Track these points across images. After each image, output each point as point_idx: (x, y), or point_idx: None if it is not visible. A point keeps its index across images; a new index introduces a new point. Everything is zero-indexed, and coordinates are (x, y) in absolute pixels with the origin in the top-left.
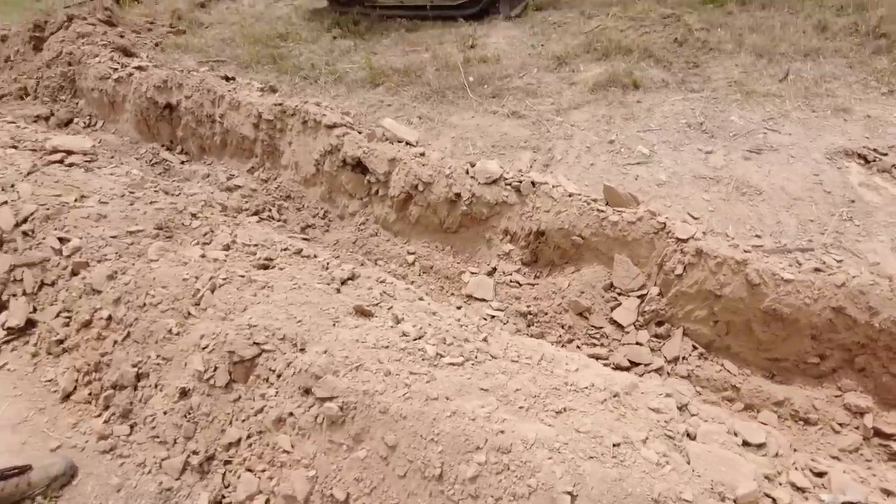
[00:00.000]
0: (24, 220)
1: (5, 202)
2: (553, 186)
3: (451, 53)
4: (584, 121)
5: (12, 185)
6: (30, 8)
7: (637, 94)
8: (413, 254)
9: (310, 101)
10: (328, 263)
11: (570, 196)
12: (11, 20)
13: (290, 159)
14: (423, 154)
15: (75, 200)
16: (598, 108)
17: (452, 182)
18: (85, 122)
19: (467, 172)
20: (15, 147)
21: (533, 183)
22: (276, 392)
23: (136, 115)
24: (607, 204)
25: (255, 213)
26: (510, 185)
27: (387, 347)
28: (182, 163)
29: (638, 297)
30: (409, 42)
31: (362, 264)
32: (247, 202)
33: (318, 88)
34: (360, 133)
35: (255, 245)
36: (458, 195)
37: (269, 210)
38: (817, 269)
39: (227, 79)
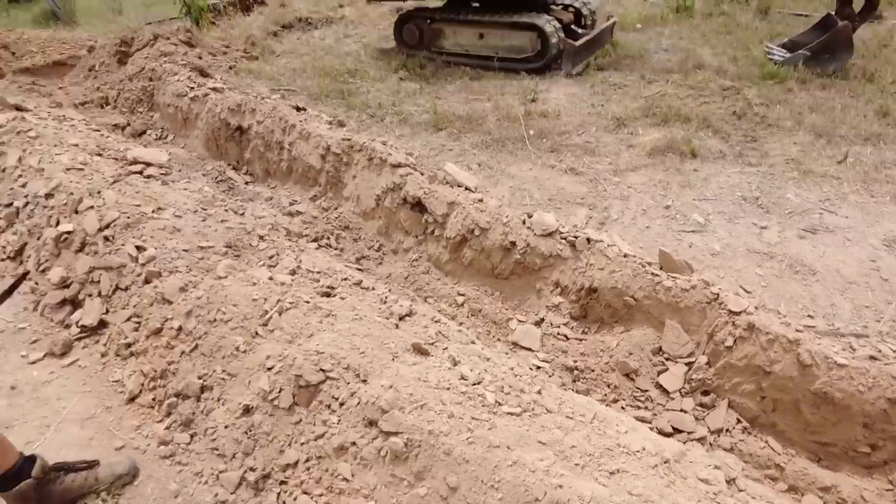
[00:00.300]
0: (107, 226)
1: (91, 207)
2: (608, 245)
3: (512, 105)
4: (640, 184)
5: (99, 192)
6: (112, 21)
7: (694, 163)
8: (463, 295)
9: (377, 139)
10: (386, 297)
11: (624, 256)
12: (97, 32)
13: (352, 192)
14: (481, 200)
15: (153, 211)
16: (655, 173)
17: (508, 230)
18: (157, 135)
19: (524, 223)
20: (100, 154)
21: (588, 240)
22: (339, 420)
23: (207, 133)
24: (661, 268)
25: (315, 240)
26: (565, 239)
27: (448, 389)
28: (246, 183)
29: (686, 364)
30: (473, 90)
31: (413, 300)
32: (307, 228)
33: (384, 127)
34: (422, 174)
35: (319, 272)
36: (513, 244)
37: (328, 238)
38: (872, 357)
39: (298, 109)
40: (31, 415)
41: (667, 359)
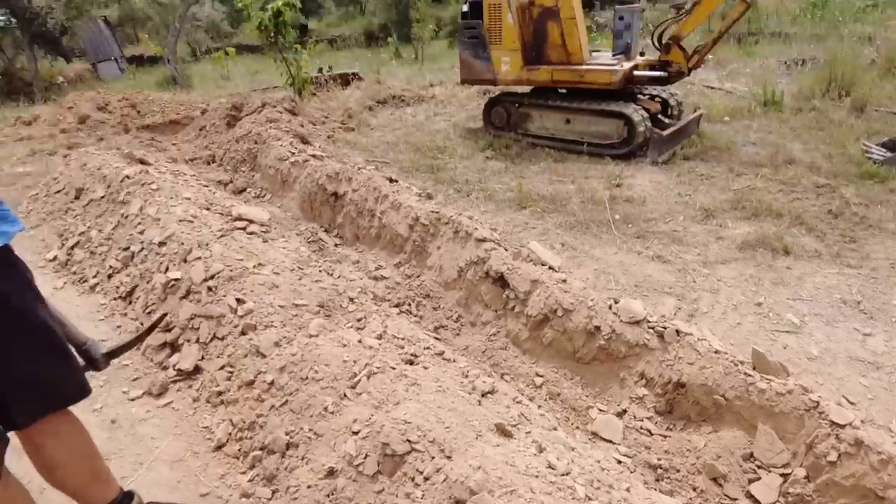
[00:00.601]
0: (212, 277)
1: (199, 258)
2: (699, 339)
3: (596, 189)
4: (730, 277)
5: (207, 244)
6: (222, 86)
7: (787, 260)
8: (541, 377)
9: (463, 213)
10: (468, 372)
11: (715, 353)
12: (208, 96)
13: (435, 261)
14: (565, 281)
15: (254, 267)
16: (745, 268)
17: (593, 314)
18: (256, 193)
19: (610, 308)
20: (208, 209)
21: (678, 331)
22: (423, 495)
23: (304, 195)
24: (754, 368)
25: (397, 305)
26: (653, 328)
27: (536, 477)
28: (336, 245)
29: (781, 474)
30: (557, 172)
31: (490, 375)
32: (390, 293)
33: (470, 202)
34: (506, 250)
35: (403, 339)
36: (597, 328)
37: (409, 305)
38: None
39: (390, 180)
40: (127, 450)
41: (759, 466)
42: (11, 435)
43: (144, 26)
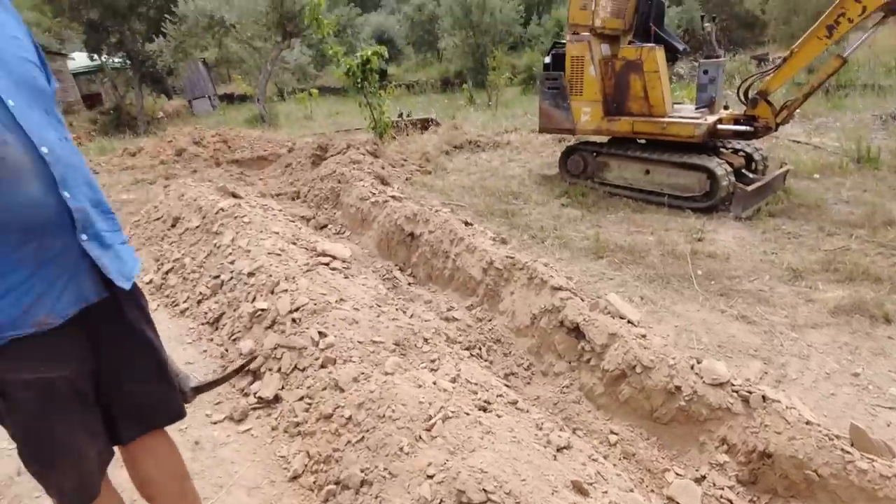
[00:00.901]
0: (296, 309)
1: (286, 290)
2: (787, 407)
3: (677, 242)
4: (822, 344)
5: (293, 278)
6: (305, 126)
7: (888, 329)
8: (616, 434)
9: (538, 259)
10: (542, 424)
11: (807, 424)
12: (293, 134)
13: (508, 307)
14: (644, 336)
15: (336, 301)
16: (839, 334)
17: (674, 373)
18: (336, 230)
19: (692, 368)
20: (294, 243)
21: (764, 397)
22: None
23: (381, 234)
24: (853, 445)
25: (467, 349)
26: (737, 392)
27: None
28: (409, 284)
29: None
30: (635, 222)
31: (563, 430)
32: (461, 335)
33: (544, 249)
34: (582, 300)
35: (476, 384)
36: (678, 388)
37: (480, 349)
38: None
39: (466, 223)
40: (208, 472)
41: None
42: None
43: (238, 67)
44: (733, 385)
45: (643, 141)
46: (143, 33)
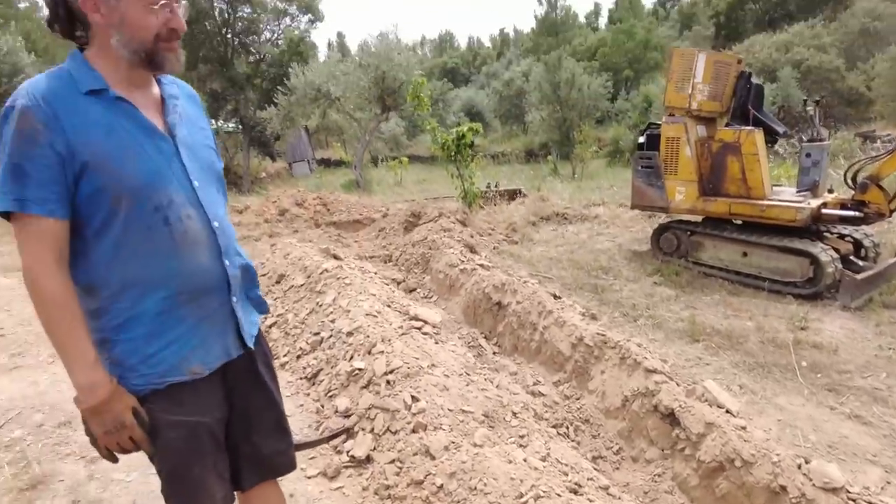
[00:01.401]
0: (391, 371)
1: (382, 352)
2: None
3: (778, 329)
4: None
5: (389, 340)
6: (395, 192)
7: None
8: None
9: (631, 339)
10: None
11: None
12: (385, 199)
13: (597, 386)
14: (744, 428)
15: (427, 366)
16: None
17: (779, 472)
18: (425, 294)
19: (799, 467)
20: (389, 306)
21: None
22: None
23: (468, 301)
24: None
25: (554, 426)
26: (855, 501)
27: None
28: (494, 353)
29: None
30: (732, 306)
31: None
32: (547, 412)
33: (636, 328)
34: (677, 385)
35: (566, 465)
36: (783, 488)
37: (567, 427)
38: None
39: (554, 296)
40: None
41: None
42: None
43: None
44: (849, 493)
45: (740, 222)
46: (256, 102)
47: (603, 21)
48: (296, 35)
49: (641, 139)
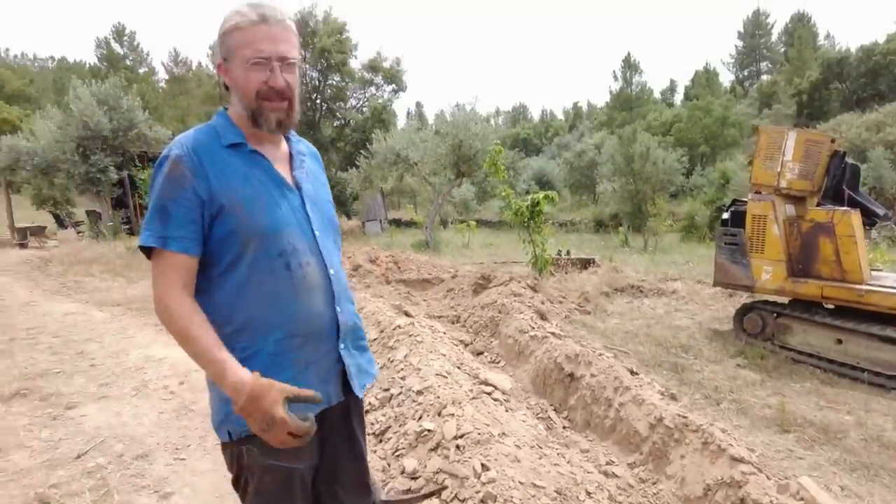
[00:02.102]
0: (461, 436)
1: (452, 414)
2: None
3: (883, 428)
4: None
5: (460, 403)
6: (462, 254)
7: None
8: None
9: (715, 424)
10: None
11: None
12: (453, 260)
13: (677, 471)
14: None
15: (498, 434)
16: None
17: None
18: (492, 358)
19: None
20: (459, 367)
21: None
22: None
23: (538, 370)
24: None
25: None
26: None
27: None
28: (564, 427)
29: None
30: (826, 397)
31: None
32: (621, 495)
33: (719, 412)
34: (768, 479)
35: None
36: None
37: None
38: None
39: (631, 372)
40: None
41: None
42: None
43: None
44: None
45: (832, 306)
46: (338, 163)
47: (678, 97)
48: (379, 103)
49: (726, 215)
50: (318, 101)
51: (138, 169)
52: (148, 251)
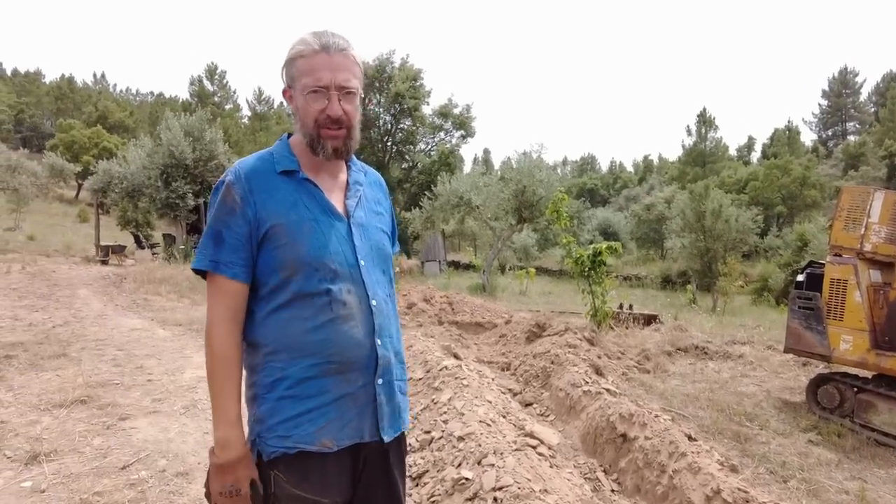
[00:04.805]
0: (500, 489)
1: (493, 465)
2: None
3: None
4: None
5: (502, 454)
6: (522, 301)
7: None
8: None
9: (781, 503)
10: None
11: None
12: (509, 307)
13: None
14: None
15: (540, 491)
16: None
17: None
18: (541, 411)
19: None
20: (504, 417)
21: None
22: None
23: (588, 427)
24: None
25: None
26: None
27: None
28: (612, 491)
29: None
30: None
31: None
32: None
33: (786, 491)
34: None
35: None
36: None
37: None
38: None
39: (689, 437)
40: None
41: None
42: None
43: (469, 240)
44: None
45: None
46: (403, 203)
47: (755, 155)
48: (447, 148)
49: (801, 277)
50: (388, 144)
51: None
52: (202, 274)
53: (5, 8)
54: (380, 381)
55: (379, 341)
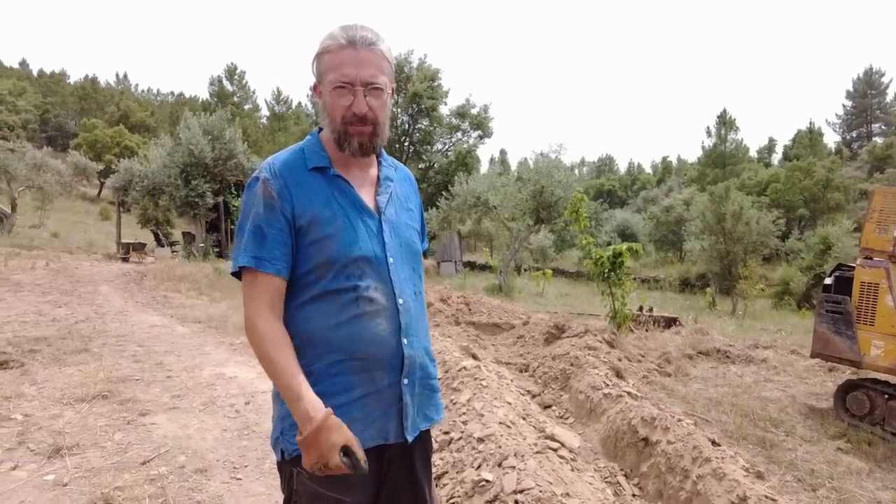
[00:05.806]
0: (521, 492)
1: (513, 467)
2: None
3: None
4: None
5: (523, 457)
6: (539, 303)
7: None
8: None
9: None
10: None
11: None
12: (527, 308)
13: None
14: None
15: (561, 495)
16: None
17: None
18: (560, 413)
19: None
20: (524, 419)
21: None
22: None
23: (609, 431)
24: None
25: None
26: None
27: None
28: (633, 495)
29: None
30: None
31: None
32: None
33: (815, 500)
34: None
35: None
36: None
37: None
38: None
39: (713, 443)
40: None
41: None
42: None
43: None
44: None
45: None
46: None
47: (777, 157)
48: (464, 148)
49: (829, 280)
50: (406, 144)
51: (233, 196)
52: (238, 274)
53: (32, 10)
54: (405, 380)
55: (405, 340)
